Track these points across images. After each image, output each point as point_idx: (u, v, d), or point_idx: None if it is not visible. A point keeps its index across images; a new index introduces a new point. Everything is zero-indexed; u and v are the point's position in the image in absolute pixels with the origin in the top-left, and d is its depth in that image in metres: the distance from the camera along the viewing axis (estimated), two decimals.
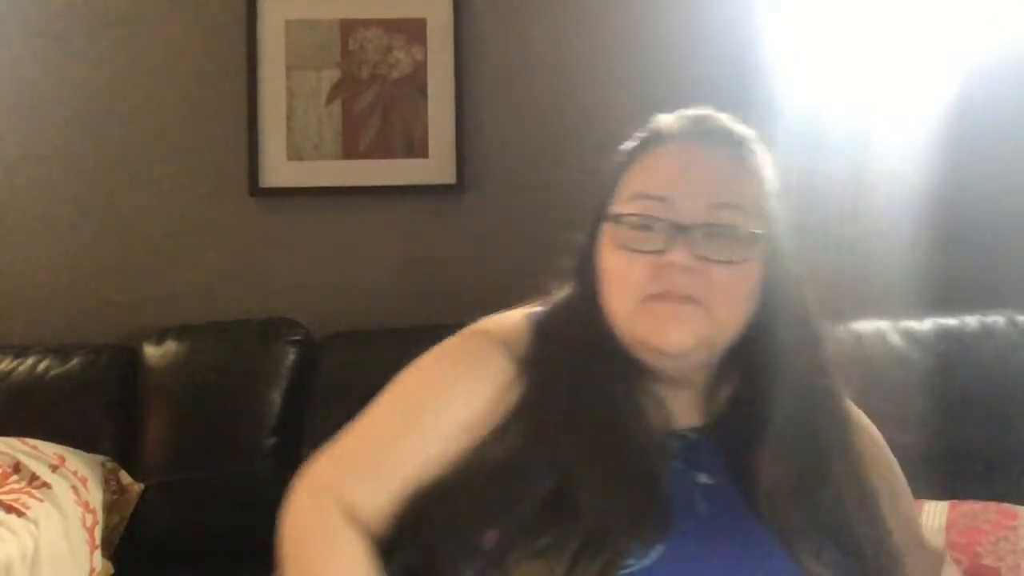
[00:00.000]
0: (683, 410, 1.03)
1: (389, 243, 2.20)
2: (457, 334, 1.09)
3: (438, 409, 1.02)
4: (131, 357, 1.99)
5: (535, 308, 1.09)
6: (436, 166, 2.17)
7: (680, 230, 0.96)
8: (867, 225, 2.05)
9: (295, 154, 2.18)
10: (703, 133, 1.04)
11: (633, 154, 1.05)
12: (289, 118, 2.18)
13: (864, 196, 2.05)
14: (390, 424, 1.04)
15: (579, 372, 1.00)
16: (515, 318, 1.08)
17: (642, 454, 0.96)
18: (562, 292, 1.09)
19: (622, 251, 0.98)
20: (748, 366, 1.02)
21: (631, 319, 0.97)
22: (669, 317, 0.95)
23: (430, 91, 2.17)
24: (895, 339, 1.79)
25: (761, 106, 2.08)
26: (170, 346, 1.98)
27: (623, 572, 0.89)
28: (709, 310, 0.96)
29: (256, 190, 2.17)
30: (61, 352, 1.99)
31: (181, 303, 2.15)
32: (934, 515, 1.52)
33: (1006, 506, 1.54)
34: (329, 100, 2.18)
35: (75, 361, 1.97)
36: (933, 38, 2.03)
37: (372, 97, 2.18)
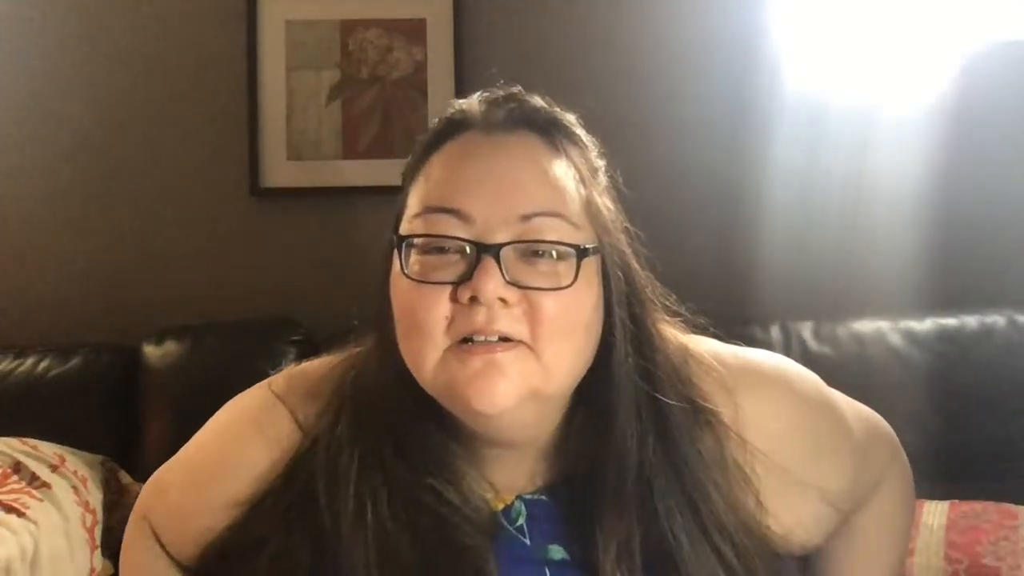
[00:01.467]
0: (524, 476, 0.84)
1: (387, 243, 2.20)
2: (259, 385, 1.02)
3: (226, 475, 0.95)
4: (131, 357, 1.99)
5: (354, 352, 0.94)
6: None
7: (483, 250, 0.75)
8: (867, 225, 2.05)
9: (295, 154, 2.18)
10: (507, 120, 0.85)
11: (423, 155, 0.84)
12: (289, 118, 2.18)
13: (864, 196, 2.05)
14: (196, 471, 1.03)
15: (378, 444, 0.81)
16: (322, 370, 0.93)
17: (458, 539, 0.79)
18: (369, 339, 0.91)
19: (412, 285, 0.78)
20: (592, 413, 0.83)
21: (435, 375, 0.77)
22: (483, 366, 0.74)
23: (430, 91, 2.17)
24: (895, 339, 1.79)
25: (761, 105, 2.08)
26: (170, 346, 1.98)
27: None
28: (535, 351, 0.76)
29: (256, 190, 2.17)
30: (61, 352, 1.99)
31: (181, 303, 2.15)
32: (934, 515, 1.52)
33: (1006, 506, 1.53)
34: (329, 100, 2.18)
35: (75, 361, 1.97)
36: (933, 37, 2.03)
37: (372, 97, 2.18)
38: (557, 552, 0.82)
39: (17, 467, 1.66)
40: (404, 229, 0.82)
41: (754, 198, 2.07)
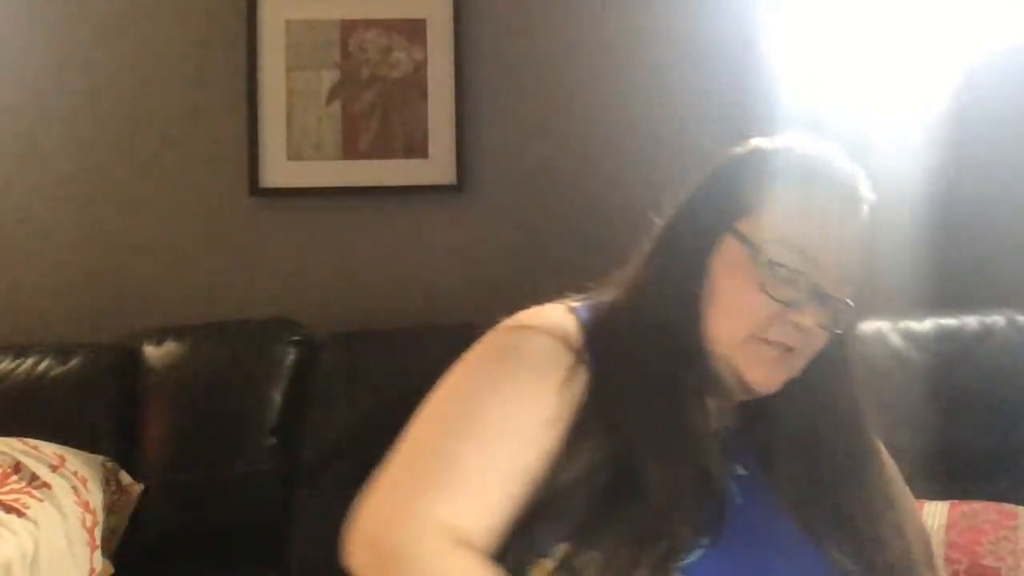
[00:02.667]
0: (721, 411, 1.03)
1: (389, 243, 2.20)
2: (501, 329, 1.02)
3: (511, 414, 0.93)
4: (131, 357, 1.99)
5: (570, 303, 1.06)
6: (436, 166, 2.17)
7: (820, 297, 0.97)
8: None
9: (295, 154, 2.18)
10: (854, 195, 1.02)
11: (784, 183, 1.01)
12: (289, 118, 2.18)
13: None
14: (466, 436, 0.93)
15: (648, 367, 0.98)
16: (559, 312, 1.03)
17: (704, 450, 0.97)
18: (615, 281, 1.07)
19: (755, 287, 0.96)
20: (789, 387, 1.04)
21: (735, 349, 0.98)
22: (773, 363, 0.98)
23: (430, 91, 2.17)
24: (895, 339, 1.79)
25: (761, 106, 2.08)
26: (170, 346, 1.98)
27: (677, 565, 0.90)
28: (797, 360, 0.99)
29: (256, 190, 2.17)
30: (61, 352, 1.99)
31: (181, 303, 2.15)
32: (934, 515, 1.52)
33: (1006, 506, 1.54)
34: (329, 100, 2.18)
35: (75, 361, 1.97)
36: (933, 38, 2.03)
37: (372, 97, 2.18)
38: (739, 469, 1.00)
39: (17, 467, 1.67)
40: (758, 240, 0.97)
41: None
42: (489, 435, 0.92)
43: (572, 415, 0.94)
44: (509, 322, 1.02)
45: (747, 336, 0.97)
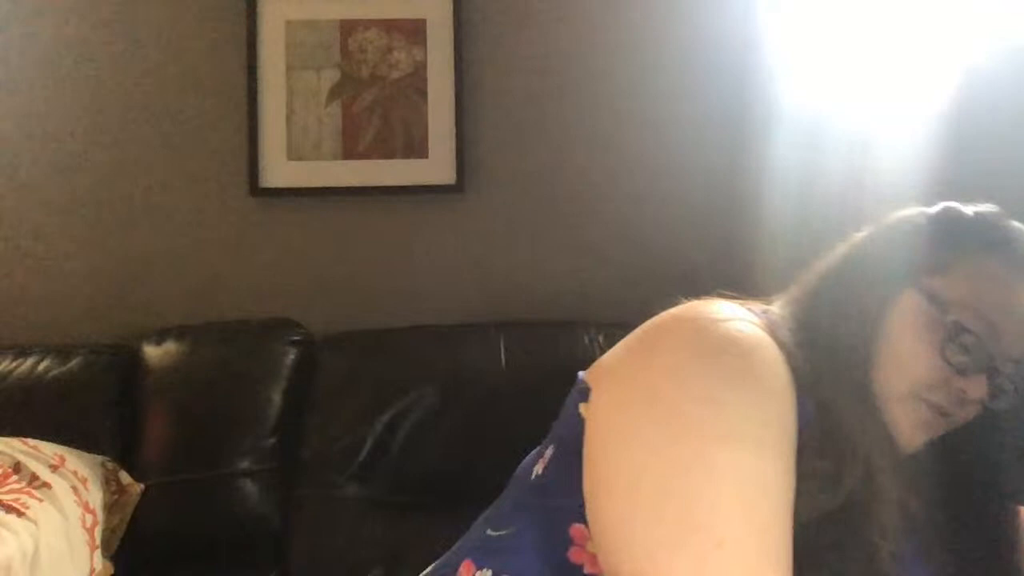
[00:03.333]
0: (895, 482, 0.99)
1: (389, 243, 2.20)
2: (702, 321, 0.87)
3: (781, 440, 0.81)
4: (131, 357, 1.99)
5: (745, 304, 0.97)
6: (436, 166, 2.17)
7: (992, 371, 0.94)
8: (867, 224, 2.05)
9: (295, 154, 2.18)
10: None
11: (989, 253, 0.98)
12: (289, 118, 2.18)
13: (864, 196, 2.05)
14: (760, 490, 0.77)
15: (839, 402, 0.91)
16: (751, 317, 0.92)
17: (892, 504, 0.92)
18: (781, 299, 1.03)
19: (930, 346, 0.94)
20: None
21: (894, 402, 0.95)
22: (927, 425, 0.95)
23: (430, 91, 2.18)
24: None
25: (761, 106, 2.08)
26: (170, 346, 1.98)
27: None
28: (945, 426, 0.97)
29: (256, 190, 2.17)
30: (61, 352, 1.99)
31: (181, 303, 2.15)
32: None
33: None
34: (329, 100, 2.18)
35: (75, 361, 1.97)
36: (933, 38, 2.03)
37: (372, 97, 2.18)
38: None
39: (17, 467, 1.67)
40: (950, 302, 0.94)
41: (754, 199, 2.07)
42: (773, 447, 0.80)
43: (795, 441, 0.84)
44: (709, 311, 0.89)
45: (909, 392, 0.94)
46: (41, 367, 1.95)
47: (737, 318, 0.87)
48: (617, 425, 0.83)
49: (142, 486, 1.85)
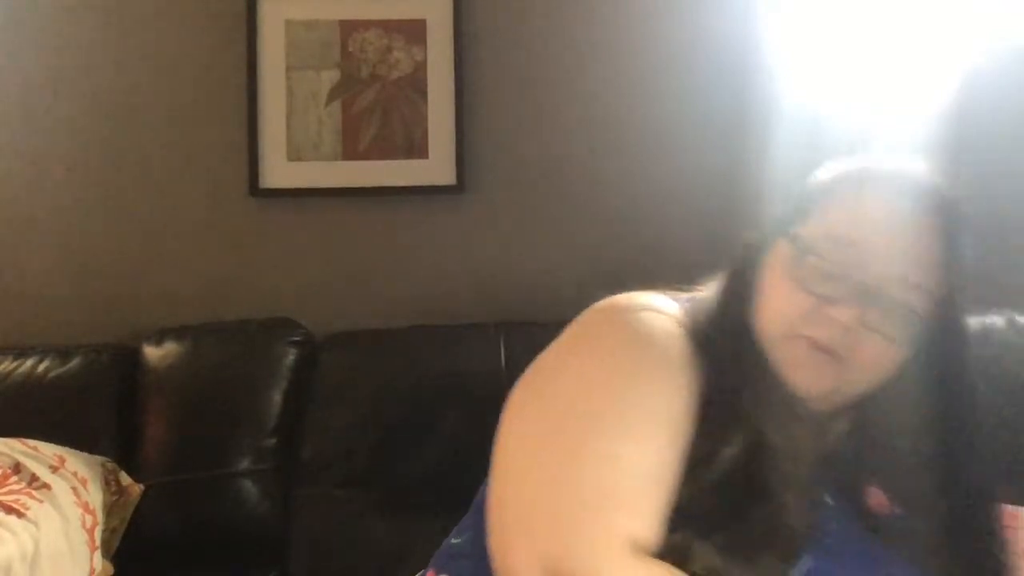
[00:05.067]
0: (804, 436, 1.00)
1: (389, 243, 2.20)
2: (613, 309, 0.97)
3: (659, 405, 0.89)
4: (131, 357, 1.99)
5: (676, 294, 1.04)
6: (436, 166, 2.17)
7: (861, 293, 0.93)
8: None
9: (295, 154, 2.18)
10: (923, 197, 1.00)
11: (842, 185, 1.01)
12: (289, 118, 2.18)
13: None
14: (623, 436, 0.87)
15: (751, 376, 0.96)
16: (666, 302, 1.00)
17: (807, 460, 0.94)
18: (709, 285, 1.06)
19: (793, 282, 0.96)
20: (863, 411, 1.01)
21: (773, 344, 0.96)
22: (807, 362, 0.94)
23: (430, 91, 2.17)
24: None
25: (761, 106, 2.08)
26: (170, 346, 1.98)
27: None
28: (844, 369, 0.94)
29: (256, 190, 2.17)
30: (61, 352, 1.99)
31: (181, 303, 2.15)
32: None
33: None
34: (329, 100, 2.18)
35: (75, 361, 1.97)
36: (933, 38, 2.03)
37: (372, 97, 2.18)
38: (829, 499, 0.98)
39: (17, 468, 1.67)
40: (807, 234, 0.97)
41: (754, 199, 2.07)
42: (644, 431, 0.87)
43: (699, 407, 0.91)
44: (618, 302, 0.98)
45: (782, 331, 0.95)
46: (41, 367, 1.96)
47: (647, 308, 0.96)
48: (519, 415, 0.91)
49: (142, 486, 1.85)
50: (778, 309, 0.96)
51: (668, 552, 0.84)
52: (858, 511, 0.99)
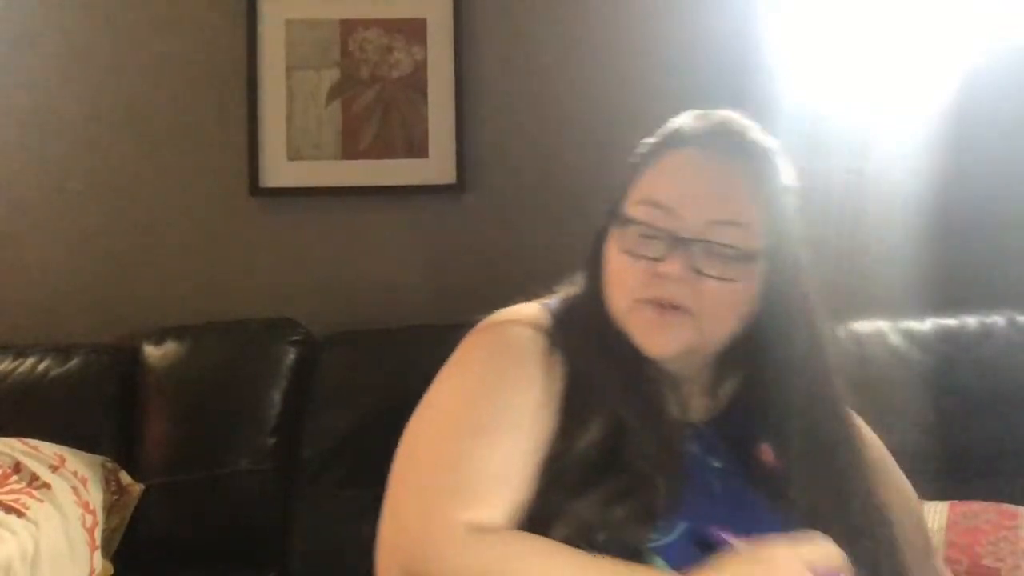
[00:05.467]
0: (691, 403, 1.06)
1: (389, 243, 2.20)
2: (480, 327, 1.08)
3: (508, 405, 0.98)
4: (131, 357, 1.99)
5: (545, 301, 1.11)
6: (436, 166, 2.17)
7: (678, 242, 0.98)
8: (867, 225, 2.05)
9: (295, 154, 2.18)
10: (718, 141, 1.06)
11: (648, 155, 1.08)
12: (289, 118, 2.18)
13: (864, 196, 2.06)
14: (472, 436, 0.96)
15: (603, 359, 1.02)
16: (533, 309, 1.09)
17: (668, 432, 1.00)
18: (572, 286, 1.12)
19: (623, 254, 1.01)
20: (749, 367, 1.06)
21: (624, 318, 1.01)
22: (655, 323, 0.99)
23: (430, 91, 2.17)
24: (895, 339, 1.79)
25: (761, 106, 2.08)
26: (170, 346, 1.98)
27: (651, 546, 0.92)
28: (696, 319, 0.98)
29: (256, 190, 2.17)
30: (61, 352, 1.99)
31: (181, 303, 2.15)
32: (934, 515, 1.52)
33: (1006, 506, 1.54)
34: (329, 100, 2.18)
35: (75, 361, 1.97)
36: (933, 38, 2.03)
37: (372, 97, 2.18)
38: (716, 462, 1.03)
39: (17, 467, 1.67)
40: (629, 210, 1.03)
41: None
42: (493, 430, 0.96)
43: (560, 395, 1.00)
44: (487, 320, 1.08)
45: (627, 302, 1.00)
46: (41, 367, 1.96)
47: (507, 321, 1.06)
48: (408, 428, 1.03)
49: (142, 486, 1.85)
50: (619, 284, 1.01)
51: (534, 519, 0.93)
52: (748, 469, 1.02)
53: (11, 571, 1.50)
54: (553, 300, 1.11)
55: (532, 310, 1.09)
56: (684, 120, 1.10)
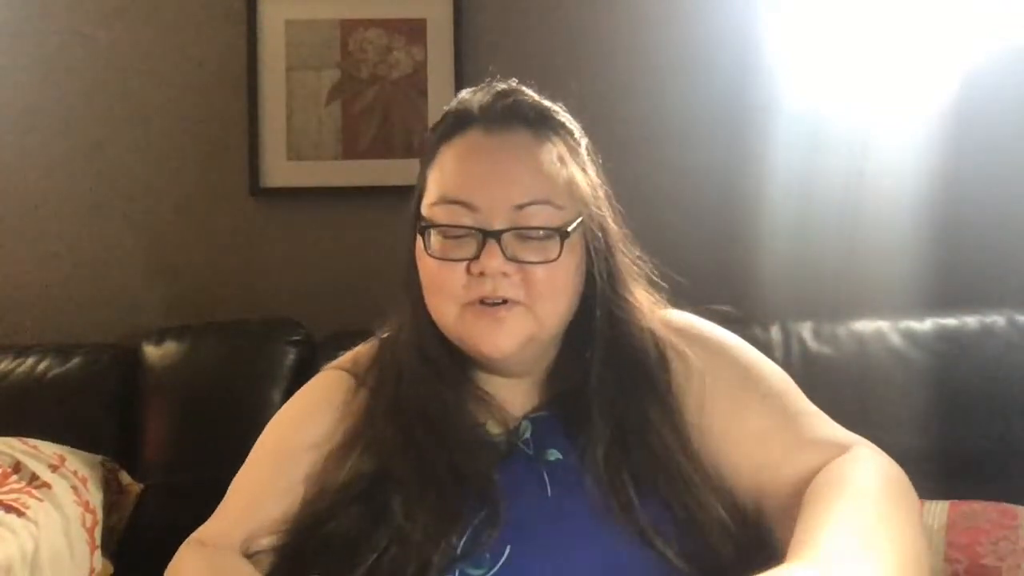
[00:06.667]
0: (528, 398, 1.05)
1: (389, 243, 2.19)
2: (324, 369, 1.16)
3: (280, 438, 1.08)
4: (131, 357, 1.99)
5: (384, 335, 1.14)
6: None
7: (488, 236, 0.95)
8: (867, 225, 2.05)
9: (295, 154, 2.18)
10: (502, 117, 1.02)
11: (436, 144, 1.05)
12: (289, 118, 2.18)
13: (864, 196, 2.05)
14: (246, 464, 1.12)
15: (407, 381, 1.02)
16: (367, 345, 1.14)
17: (467, 453, 0.98)
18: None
19: (436, 261, 0.98)
20: (577, 348, 1.04)
21: (453, 325, 0.98)
22: (489, 324, 0.96)
23: (430, 91, 2.17)
24: (895, 339, 1.79)
25: (761, 106, 2.08)
26: (170, 346, 1.98)
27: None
28: (530, 309, 0.97)
29: (256, 190, 2.18)
30: (61, 352, 1.99)
31: (181, 303, 2.15)
32: (934, 515, 1.52)
33: (1006, 506, 1.53)
34: (329, 100, 2.18)
35: (75, 361, 1.97)
36: (933, 38, 2.03)
37: (372, 97, 2.18)
38: (553, 454, 1.00)
39: (17, 467, 1.66)
40: (425, 213, 1.00)
41: (754, 198, 2.07)
42: (258, 458, 1.09)
43: (348, 434, 1.03)
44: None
45: (455, 308, 0.97)
46: (41, 367, 1.95)
47: (330, 366, 1.14)
48: None
49: (142, 486, 1.85)
50: (440, 292, 0.98)
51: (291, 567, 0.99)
52: (585, 459, 0.99)
53: (11, 571, 1.50)
54: (376, 341, 1.13)
55: (363, 349, 1.13)
56: (458, 101, 1.06)
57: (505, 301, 0.96)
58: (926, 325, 1.80)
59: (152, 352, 1.98)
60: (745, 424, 1.02)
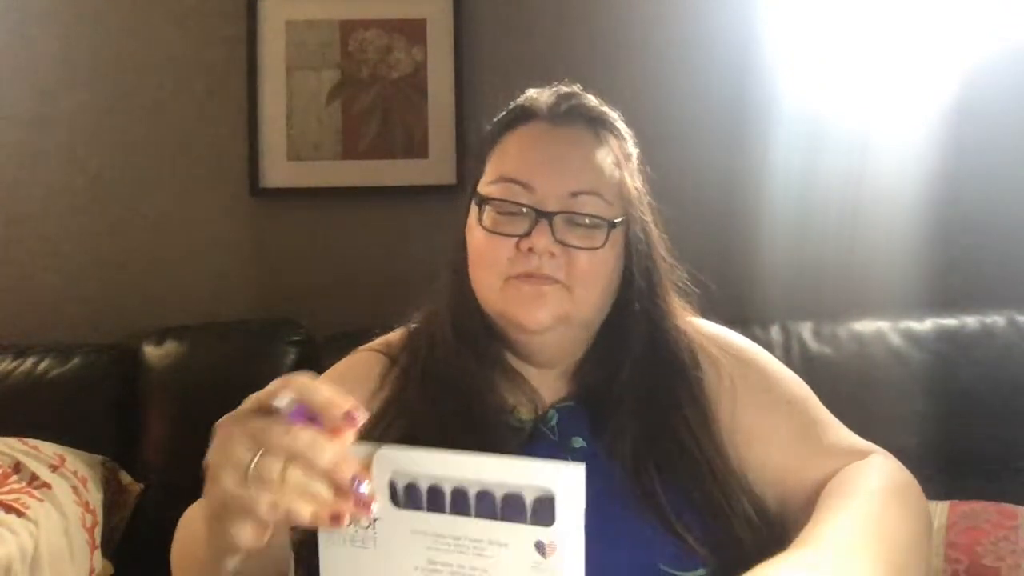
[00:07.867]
0: (556, 389, 1.10)
1: (389, 243, 2.20)
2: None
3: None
4: (131, 357, 1.99)
5: (414, 325, 1.17)
6: (436, 166, 2.17)
7: (541, 216, 1.01)
8: (867, 225, 2.05)
9: (295, 154, 2.18)
10: (566, 114, 1.09)
11: (499, 132, 1.11)
12: (289, 118, 2.18)
13: (864, 196, 2.05)
14: None
15: (441, 356, 1.07)
16: (399, 330, 1.17)
17: (493, 434, 1.02)
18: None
19: (488, 233, 1.04)
20: (610, 344, 1.09)
21: (496, 297, 1.03)
22: (531, 296, 1.01)
23: (430, 91, 2.18)
24: (895, 339, 1.79)
25: (761, 106, 2.08)
26: (170, 346, 1.98)
27: None
28: (569, 290, 1.02)
29: (256, 190, 2.18)
30: (61, 352, 1.99)
31: (181, 303, 2.15)
32: (934, 515, 1.52)
33: (1006, 506, 1.53)
34: (329, 100, 2.18)
35: (75, 361, 1.97)
36: (933, 38, 2.04)
37: (372, 97, 2.18)
38: (578, 442, 1.04)
39: (17, 467, 1.67)
40: (483, 191, 1.06)
41: (755, 198, 2.07)
42: None
43: (381, 404, 1.06)
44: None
45: (499, 280, 1.03)
46: (41, 367, 1.95)
47: (362, 347, 1.17)
48: None
49: (142, 486, 1.85)
50: (487, 264, 1.04)
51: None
52: (611, 451, 1.03)
53: (11, 571, 1.50)
54: (414, 319, 1.16)
55: (391, 337, 1.17)
56: (530, 97, 1.13)
57: (547, 278, 1.01)
58: (926, 325, 1.81)
59: (152, 352, 1.98)
60: (772, 430, 1.07)
